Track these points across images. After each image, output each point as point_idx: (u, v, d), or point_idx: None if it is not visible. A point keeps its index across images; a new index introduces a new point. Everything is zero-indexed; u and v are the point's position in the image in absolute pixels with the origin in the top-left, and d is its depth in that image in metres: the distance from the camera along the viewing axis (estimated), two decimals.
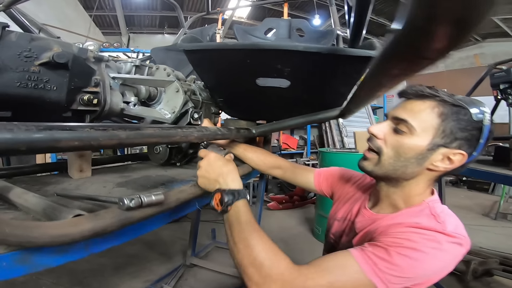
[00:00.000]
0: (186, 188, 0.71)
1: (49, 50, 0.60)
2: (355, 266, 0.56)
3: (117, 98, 0.76)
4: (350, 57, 0.75)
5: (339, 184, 1.00)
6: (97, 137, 0.41)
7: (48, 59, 0.59)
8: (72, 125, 0.39)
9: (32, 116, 0.62)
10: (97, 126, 0.42)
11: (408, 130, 0.65)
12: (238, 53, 0.74)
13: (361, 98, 0.72)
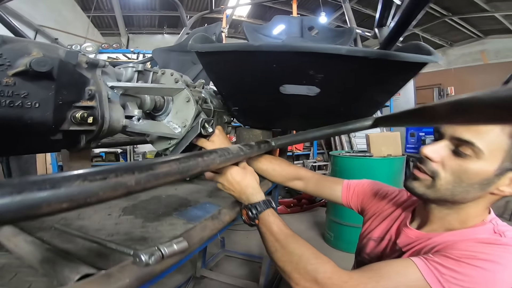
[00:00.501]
0: (208, 223, 0.63)
1: (26, 55, 0.46)
2: (416, 274, 0.53)
3: (118, 113, 0.62)
4: (401, 63, 0.61)
5: (373, 201, 0.92)
6: (95, 191, 0.27)
7: (24, 67, 0.44)
8: (54, 178, 0.25)
9: (10, 143, 0.49)
10: (94, 173, 0.28)
11: (473, 153, 0.58)
12: (264, 56, 0.60)
13: (410, 121, 0.59)
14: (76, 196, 0.26)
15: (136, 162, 0.35)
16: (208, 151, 0.55)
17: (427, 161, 0.64)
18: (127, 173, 0.31)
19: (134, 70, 0.77)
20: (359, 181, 1.01)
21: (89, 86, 0.58)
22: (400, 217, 0.80)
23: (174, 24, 7.77)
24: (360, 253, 0.88)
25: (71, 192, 0.26)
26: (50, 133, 0.51)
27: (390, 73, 0.67)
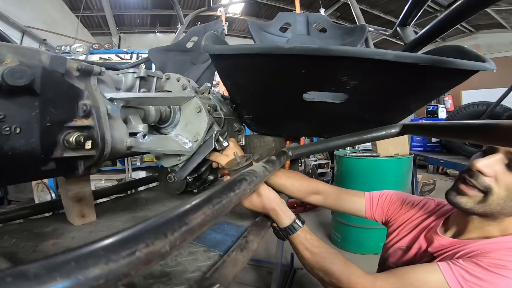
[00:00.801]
0: (238, 257, 0.57)
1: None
2: (439, 279, 0.56)
3: (121, 132, 0.51)
4: (453, 70, 0.52)
5: (400, 211, 0.90)
6: (125, 272, 0.20)
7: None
8: (66, 263, 0.17)
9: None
10: (117, 249, 0.20)
11: None
12: (295, 59, 0.50)
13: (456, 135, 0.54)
14: (103, 285, 0.18)
15: (163, 217, 0.26)
16: (236, 179, 0.45)
17: (479, 175, 0.61)
18: (159, 238, 0.24)
19: (136, 77, 0.66)
20: (381, 192, 0.96)
21: (83, 100, 0.47)
22: (430, 226, 0.79)
23: (167, 23, 7.59)
24: (385, 263, 0.88)
25: (94, 283, 0.18)
26: (39, 163, 0.40)
27: (436, 80, 0.58)
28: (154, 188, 1.17)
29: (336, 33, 1.55)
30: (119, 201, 0.95)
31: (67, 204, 0.67)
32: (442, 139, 0.66)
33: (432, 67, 0.50)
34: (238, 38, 7.95)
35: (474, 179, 0.61)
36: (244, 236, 0.67)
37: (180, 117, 0.74)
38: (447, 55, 0.67)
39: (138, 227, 0.24)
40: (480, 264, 0.55)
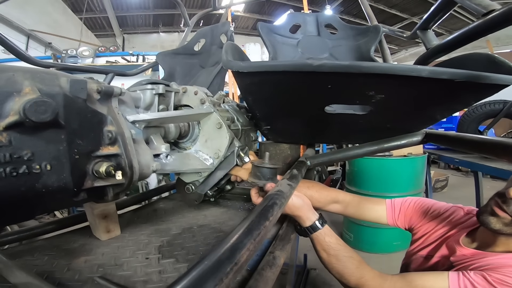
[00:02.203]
0: (269, 274, 0.57)
1: (15, 94, 0.32)
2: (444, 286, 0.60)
3: (146, 157, 0.50)
4: (488, 85, 0.49)
5: (424, 219, 0.90)
6: None
7: (17, 116, 0.32)
8: None
9: (25, 211, 0.37)
10: None
11: None
12: (322, 76, 0.48)
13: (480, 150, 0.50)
14: None
15: (215, 259, 0.29)
16: (268, 205, 0.44)
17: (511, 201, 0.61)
18: (218, 284, 0.26)
19: (154, 93, 0.65)
20: (404, 199, 0.95)
21: (107, 126, 0.45)
22: (453, 235, 0.79)
23: (169, 22, 7.57)
24: (407, 269, 0.89)
25: None
26: (71, 196, 0.39)
27: (468, 93, 0.56)
28: (171, 197, 1.17)
29: (348, 33, 1.51)
30: (139, 213, 0.95)
31: (93, 221, 0.68)
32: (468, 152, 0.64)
33: (466, 82, 0.47)
34: (242, 36, 7.89)
35: (506, 205, 0.62)
36: (270, 252, 0.67)
37: (199, 132, 0.73)
38: (476, 64, 0.64)
39: (197, 272, 0.26)
40: (487, 278, 0.59)
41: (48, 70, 0.42)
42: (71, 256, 0.61)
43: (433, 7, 0.85)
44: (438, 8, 0.81)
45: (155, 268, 0.60)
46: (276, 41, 1.49)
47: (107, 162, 0.42)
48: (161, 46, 7.72)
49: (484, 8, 0.65)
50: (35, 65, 1.26)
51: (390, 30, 1.43)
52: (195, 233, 0.78)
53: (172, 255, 0.66)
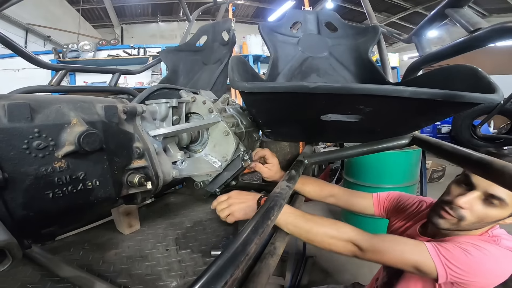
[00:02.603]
0: (270, 262, 0.65)
1: (66, 125, 0.41)
2: (424, 248, 0.70)
3: (167, 166, 0.59)
4: (463, 103, 0.57)
5: (396, 212, 1.04)
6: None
7: (74, 146, 0.40)
8: None
9: (78, 221, 0.47)
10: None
11: (500, 205, 0.69)
12: (317, 95, 0.56)
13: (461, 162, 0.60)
14: None
15: (232, 252, 0.38)
16: (269, 207, 0.53)
17: (458, 209, 0.73)
18: (236, 269, 0.36)
19: (168, 106, 0.73)
20: (387, 193, 1.09)
21: (135, 143, 0.54)
22: (415, 226, 0.93)
23: (168, 11, 7.46)
24: None
25: None
26: (114, 203, 0.48)
27: (446, 108, 0.64)
28: (180, 192, 1.27)
29: (348, 32, 1.55)
30: (153, 207, 1.05)
31: (117, 217, 0.78)
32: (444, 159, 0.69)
33: (444, 101, 0.55)
34: (242, 24, 7.78)
35: (453, 211, 0.74)
36: (271, 243, 0.77)
37: (208, 137, 0.81)
38: (460, 76, 0.71)
39: (220, 263, 0.36)
40: (452, 241, 0.73)
41: (84, 98, 0.50)
42: (102, 250, 0.72)
43: (426, 17, 0.91)
44: (431, 18, 0.87)
45: (175, 258, 0.71)
46: (277, 40, 1.54)
47: (138, 173, 0.51)
48: (160, 35, 7.64)
49: (472, 25, 0.72)
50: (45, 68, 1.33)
51: (388, 32, 1.47)
52: (205, 226, 0.89)
53: (187, 246, 0.77)
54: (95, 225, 0.87)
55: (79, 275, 0.56)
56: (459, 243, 0.72)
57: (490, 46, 2.10)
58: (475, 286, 0.71)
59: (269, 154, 0.98)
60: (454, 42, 0.74)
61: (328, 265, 2.37)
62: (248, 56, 3.68)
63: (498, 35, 0.60)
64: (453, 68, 0.75)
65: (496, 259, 0.69)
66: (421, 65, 0.97)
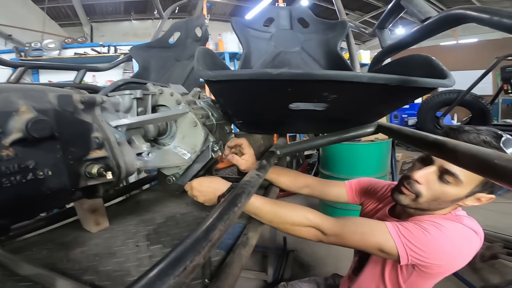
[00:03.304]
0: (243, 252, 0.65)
1: (14, 113, 0.38)
2: (384, 228, 0.71)
3: (130, 156, 0.57)
4: (418, 88, 0.61)
5: (367, 197, 1.08)
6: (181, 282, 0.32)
7: (21, 134, 0.38)
8: None
9: (31, 211, 0.44)
10: (169, 272, 0.31)
11: (454, 182, 0.70)
12: (281, 82, 0.57)
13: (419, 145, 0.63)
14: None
15: (194, 238, 0.37)
16: (237, 194, 0.53)
17: (414, 183, 0.75)
18: (197, 255, 0.35)
19: (133, 98, 0.71)
20: (358, 180, 1.13)
21: (94, 133, 0.52)
22: (384, 209, 0.97)
23: (142, 10, 7.22)
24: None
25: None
26: (70, 195, 0.46)
27: (403, 93, 0.67)
28: (153, 188, 1.24)
29: (319, 28, 1.60)
30: (124, 205, 1.02)
31: (82, 215, 0.74)
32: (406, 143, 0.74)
33: (400, 86, 0.58)
34: (219, 22, 7.71)
35: (410, 186, 0.76)
36: (244, 234, 0.77)
37: (176, 130, 0.80)
38: (417, 65, 0.76)
39: (180, 248, 0.35)
40: (412, 220, 0.75)
41: (36, 87, 0.47)
42: (67, 249, 0.68)
43: (386, 10, 0.95)
44: (390, 11, 0.92)
45: (145, 254, 0.69)
46: (249, 35, 1.55)
47: (97, 164, 0.49)
48: (133, 34, 7.37)
49: (423, 14, 0.76)
50: (2, 65, 1.24)
51: (356, 26, 1.53)
52: (178, 220, 0.87)
53: (159, 242, 0.75)
54: (60, 225, 0.83)
55: (40, 273, 0.53)
56: (420, 222, 0.73)
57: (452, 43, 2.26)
58: (437, 270, 0.72)
59: (246, 144, 0.97)
60: (409, 32, 0.78)
61: (309, 258, 2.43)
62: (224, 53, 3.66)
63: (446, 23, 0.65)
64: (410, 57, 0.80)
65: (454, 238, 0.70)
66: (383, 56, 1.02)
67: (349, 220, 0.77)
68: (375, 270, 0.88)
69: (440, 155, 0.52)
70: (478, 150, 0.39)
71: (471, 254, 0.71)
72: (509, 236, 2.30)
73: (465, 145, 0.43)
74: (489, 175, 0.36)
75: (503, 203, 3.34)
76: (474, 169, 0.40)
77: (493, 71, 2.55)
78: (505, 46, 4.43)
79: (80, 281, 0.57)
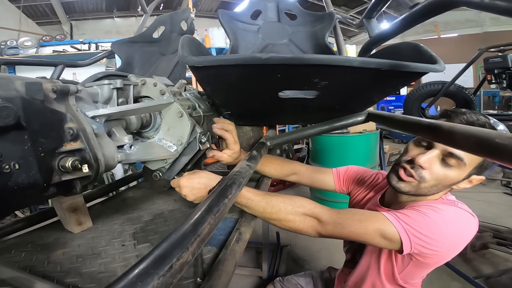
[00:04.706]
0: (236, 248, 0.63)
1: None
2: (382, 216, 0.69)
3: (110, 149, 0.53)
4: (408, 72, 0.59)
5: (356, 186, 1.06)
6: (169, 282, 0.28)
7: None
8: None
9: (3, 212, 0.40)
10: (153, 270, 0.27)
11: (457, 164, 0.69)
12: (271, 67, 0.54)
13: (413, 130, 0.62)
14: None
15: (181, 233, 0.34)
16: (227, 185, 0.50)
17: (419, 168, 0.72)
18: (185, 252, 0.32)
19: (112, 88, 0.66)
20: (346, 168, 1.11)
21: (67, 124, 0.47)
22: (374, 197, 0.95)
23: (125, 7, 7.02)
24: None
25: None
26: (42, 191, 0.42)
27: (394, 79, 0.66)
28: (140, 186, 1.19)
29: (306, 20, 1.58)
30: (109, 203, 0.97)
31: (63, 215, 0.69)
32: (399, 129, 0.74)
33: (391, 70, 0.57)
34: (205, 19, 7.60)
35: (414, 170, 0.73)
36: (237, 229, 0.74)
37: (161, 121, 0.76)
38: (405, 52, 0.75)
39: (165, 245, 0.31)
40: (408, 207, 0.74)
41: (3, 75, 0.43)
42: (48, 250, 0.64)
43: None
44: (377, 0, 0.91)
45: (132, 253, 0.65)
46: (237, 28, 1.51)
47: (72, 157, 0.45)
48: (116, 31, 7.16)
49: (411, 1, 0.75)
50: None
51: (343, 17, 1.53)
52: (166, 218, 0.83)
53: (147, 240, 0.71)
54: (40, 226, 0.78)
55: (18, 276, 0.49)
56: (417, 207, 0.71)
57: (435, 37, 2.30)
58: (435, 259, 0.70)
59: (231, 140, 0.87)
60: (397, 20, 0.77)
61: (304, 253, 2.43)
62: (211, 48, 3.60)
63: (434, 8, 0.63)
64: (399, 45, 0.78)
65: (455, 221, 0.68)
66: (372, 46, 1.01)
67: (345, 210, 0.75)
68: (370, 262, 0.87)
69: (435, 139, 0.51)
70: (477, 130, 0.37)
71: (469, 238, 0.69)
72: (498, 225, 2.37)
73: (463, 127, 0.41)
74: (489, 155, 0.35)
75: (490, 193, 3.46)
76: (472, 150, 0.39)
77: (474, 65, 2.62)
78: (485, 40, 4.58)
79: (62, 284, 0.53)
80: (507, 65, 1.97)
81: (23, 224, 0.77)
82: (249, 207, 0.73)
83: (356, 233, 0.69)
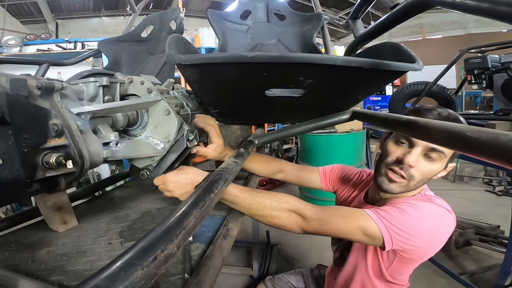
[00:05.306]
0: (224, 244, 0.63)
1: None
2: (364, 213, 0.71)
3: (96, 145, 0.53)
4: (389, 71, 0.62)
5: (342, 184, 1.08)
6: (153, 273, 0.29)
7: None
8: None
9: None
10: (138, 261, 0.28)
11: (439, 158, 0.72)
12: (256, 65, 0.55)
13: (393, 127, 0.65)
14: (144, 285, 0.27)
15: (166, 226, 0.34)
16: (213, 180, 0.51)
17: (408, 168, 0.74)
18: (169, 244, 0.32)
19: (98, 85, 0.66)
20: (331, 166, 1.13)
21: (52, 120, 0.47)
22: (358, 195, 0.98)
23: (114, 6, 6.89)
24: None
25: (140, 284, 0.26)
26: (25, 187, 0.41)
27: (376, 77, 0.69)
28: (127, 185, 1.18)
29: (295, 20, 1.61)
30: (95, 202, 0.96)
31: (47, 214, 0.68)
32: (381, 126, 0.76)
33: (372, 69, 0.59)
34: (196, 18, 7.56)
35: (404, 171, 0.75)
36: (224, 225, 0.75)
37: (148, 119, 0.76)
38: (387, 52, 0.78)
39: (150, 237, 0.32)
40: (389, 204, 0.77)
41: None
42: (32, 249, 0.63)
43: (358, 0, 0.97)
44: (362, 0, 0.94)
45: (119, 251, 0.65)
46: (226, 27, 1.52)
47: (56, 153, 0.45)
48: (104, 31, 7.02)
49: (392, 1, 0.78)
50: None
51: (331, 18, 1.56)
52: (154, 216, 0.83)
53: (134, 238, 0.71)
54: (24, 225, 0.76)
55: (1, 274, 0.48)
56: (396, 203, 0.74)
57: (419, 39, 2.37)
58: (417, 255, 0.72)
59: (213, 133, 0.84)
60: (379, 20, 0.80)
61: (293, 251, 2.45)
62: (200, 48, 3.59)
63: (412, 8, 0.66)
64: (381, 45, 0.81)
65: (432, 217, 0.70)
66: (357, 46, 1.04)
67: (329, 207, 0.76)
68: (358, 259, 0.89)
69: (414, 134, 0.53)
70: (449, 125, 0.39)
71: (448, 234, 0.72)
72: (479, 222, 2.46)
73: (437, 122, 0.43)
74: (462, 148, 0.36)
75: (471, 191, 3.58)
76: (447, 144, 0.41)
77: (457, 65, 2.71)
78: (468, 41, 4.75)
79: (47, 282, 0.52)
80: (486, 66, 2.05)
81: (6, 223, 0.75)
82: (236, 204, 0.74)
83: (339, 230, 0.70)
